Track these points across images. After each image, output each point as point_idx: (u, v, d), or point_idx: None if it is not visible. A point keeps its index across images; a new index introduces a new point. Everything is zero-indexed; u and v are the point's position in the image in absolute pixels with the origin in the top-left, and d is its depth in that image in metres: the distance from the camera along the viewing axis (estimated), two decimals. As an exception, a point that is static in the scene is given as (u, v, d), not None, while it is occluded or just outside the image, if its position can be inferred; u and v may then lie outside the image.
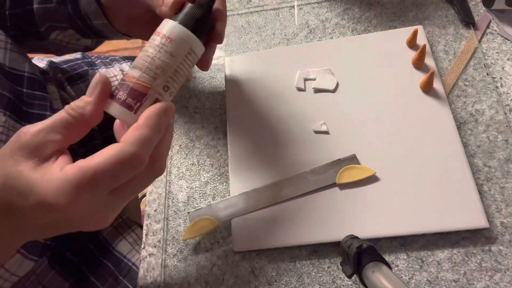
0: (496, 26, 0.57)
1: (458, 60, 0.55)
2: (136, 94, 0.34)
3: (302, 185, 0.49)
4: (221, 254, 0.48)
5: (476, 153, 0.49)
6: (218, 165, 0.54)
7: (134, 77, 0.35)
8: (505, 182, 0.47)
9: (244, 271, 0.47)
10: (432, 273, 0.44)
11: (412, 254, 0.45)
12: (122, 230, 0.64)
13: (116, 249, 0.62)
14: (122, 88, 0.35)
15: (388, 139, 0.50)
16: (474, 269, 0.44)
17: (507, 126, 0.50)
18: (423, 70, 0.54)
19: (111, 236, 0.62)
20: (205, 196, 0.52)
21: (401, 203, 0.47)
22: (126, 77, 0.35)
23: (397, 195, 0.47)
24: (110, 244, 0.62)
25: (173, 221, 0.51)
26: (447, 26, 0.58)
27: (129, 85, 0.35)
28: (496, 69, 0.54)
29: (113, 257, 0.61)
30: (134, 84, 0.35)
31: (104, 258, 0.60)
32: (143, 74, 0.35)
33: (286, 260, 0.47)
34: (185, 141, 0.56)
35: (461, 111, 0.52)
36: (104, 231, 0.62)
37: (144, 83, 0.35)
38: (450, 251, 0.45)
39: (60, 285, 0.56)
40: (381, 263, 0.39)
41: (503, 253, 0.44)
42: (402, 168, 0.48)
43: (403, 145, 0.50)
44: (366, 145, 0.50)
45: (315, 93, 0.55)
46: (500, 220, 0.45)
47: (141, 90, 0.35)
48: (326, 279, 0.45)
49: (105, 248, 0.61)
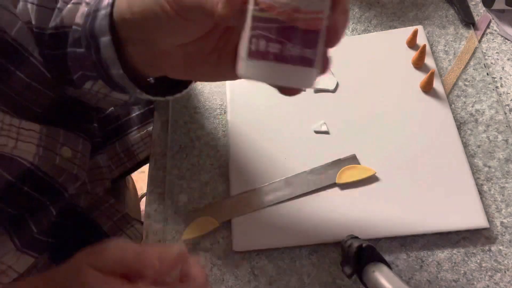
0: (496, 26, 0.57)
1: (458, 60, 0.55)
2: (307, 37, 0.23)
3: (302, 185, 0.49)
4: (221, 254, 0.48)
5: (476, 153, 0.49)
6: (218, 165, 0.54)
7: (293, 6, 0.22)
8: (505, 182, 0.47)
9: (244, 271, 0.47)
10: (432, 273, 0.44)
11: (412, 254, 0.45)
12: (122, 225, 0.64)
13: None
14: (269, 33, 0.23)
15: (388, 139, 0.50)
16: (474, 269, 0.44)
17: (507, 126, 0.50)
18: (423, 70, 0.54)
19: (112, 231, 0.63)
20: (205, 196, 0.52)
21: (401, 203, 0.47)
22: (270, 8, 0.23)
23: (397, 195, 0.47)
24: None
25: (173, 221, 0.51)
26: (447, 26, 0.58)
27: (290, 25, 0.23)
28: (496, 69, 0.54)
29: None
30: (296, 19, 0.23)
31: None
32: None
33: (286, 260, 0.47)
34: (185, 141, 0.56)
35: (461, 111, 0.52)
36: (105, 225, 0.62)
37: (313, 13, 0.23)
38: (450, 251, 0.45)
39: None
40: (381, 263, 0.39)
41: (503, 253, 0.44)
42: (402, 168, 0.48)
43: (403, 145, 0.50)
44: (366, 145, 0.50)
45: (315, 93, 0.55)
46: (500, 220, 0.45)
47: (313, 25, 0.23)
48: (326, 279, 0.45)
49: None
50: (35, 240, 0.50)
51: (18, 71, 0.42)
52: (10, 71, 0.42)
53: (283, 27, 0.23)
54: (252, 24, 0.24)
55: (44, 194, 0.47)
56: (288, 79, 0.24)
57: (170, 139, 0.56)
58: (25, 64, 0.43)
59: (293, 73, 0.23)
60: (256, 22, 0.23)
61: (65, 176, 0.49)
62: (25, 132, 0.44)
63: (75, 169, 0.50)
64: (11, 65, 0.42)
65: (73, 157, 0.50)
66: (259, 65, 0.24)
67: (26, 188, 0.45)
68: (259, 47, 0.23)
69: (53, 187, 0.48)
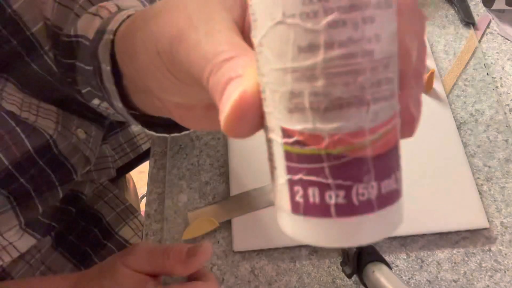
0: (496, 26, 0.57)
1: (458, 60, 0.55)
2: (383, 162, 0.15)
3: (302, 185, 0.49)
4: (221, 254, 0.48)
5: (476, 153, 0.49)
6: (218, 165, 0.54)
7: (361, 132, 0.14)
8: (505, 182, 0.47)
9: (244, 271, 0.47)
10: (432, 273, 0.44)
11: (412, 254, 0.45)
12: (124, 216, 0.65)
13: (119, 234, 0.64)
14: (320, 176, 0.14)
15: (388, 139, 0.50)
16: (474, 269, 0.44)
17: (507, 126, 0.50)
18: (423, 70, 0.54)
19: (114, 222, 0.64)
20: (205, 196, 0.52)
21: (401, 203, 0.46)
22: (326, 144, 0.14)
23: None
24: (113, 229, 0.63)
25: (173, 221, 0.51)
26: (447, 26, 0.58)
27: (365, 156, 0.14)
28: (496, 69, 0.54)
29: (116, 241, 0.63)
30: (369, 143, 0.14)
31: (108, 241, 0.62)
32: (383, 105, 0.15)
33: (286, 260, 0.47)
34: (185, 141, 0.56)
35: (461, 111, 0.52)
36: (107, 216, 0.64)
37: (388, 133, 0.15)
38: (450, 251, 0.45)
39: (63, 265, 0.58)
40: (381, 263, 0.39)
41: (503, 253, 0.44)
42: (402, 168, 0.48)
43: (403, 145, 0.50)
44: (366, 145, 0.50)
45: (315, 93, 0.55)
46: (500, 220, 0.45)
47: (389, 142, 0.15)
48: (326, 279, 0.45)
49: (109, 233, 0.63)
50: (38, 221, 0.51)
51: (33, 64, 0.44)
52: (27, 62, 0.44)
53: (343, 164, 0.14)
54: (287, 164, 0.16)
55: (56, 172, 0.49)
56: (366, 235, 0.15)
57: (170, 139, 0.56)
58: (39, 60, 0.44)
59: (371, 224, 0.15)
60: (293, 162, 0.15)
61: (77, 158, 0.50)
62: (44, 110, 0.47)
63: (88, 152, 0.52)
64: (27, 57, 0.44)
65: (87, 140, 0.53)
66: (314, 224, 0.15)
67: (41, 163, 0.46)
68: (308, 199, 0.15)
69: (65, 167, 0.49)
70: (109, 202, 0.65)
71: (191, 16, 0.21)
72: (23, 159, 0.44)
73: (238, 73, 0.17)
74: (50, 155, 0.47)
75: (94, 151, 0.54)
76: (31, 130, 0.44)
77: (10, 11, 0.41)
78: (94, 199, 0.64)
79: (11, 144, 0.42)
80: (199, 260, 0.40)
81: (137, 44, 0.26)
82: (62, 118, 0.49)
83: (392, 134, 0.16)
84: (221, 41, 0.19)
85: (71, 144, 0.49)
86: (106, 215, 0.63)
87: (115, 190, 0.66)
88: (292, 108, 0.15)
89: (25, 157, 0.44)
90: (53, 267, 0.56)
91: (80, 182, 0.59)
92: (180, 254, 0.40)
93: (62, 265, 0.57)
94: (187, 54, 0.20)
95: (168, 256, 0.39)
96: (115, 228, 0.63)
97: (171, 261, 0.39)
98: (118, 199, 0.66)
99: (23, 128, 0.43)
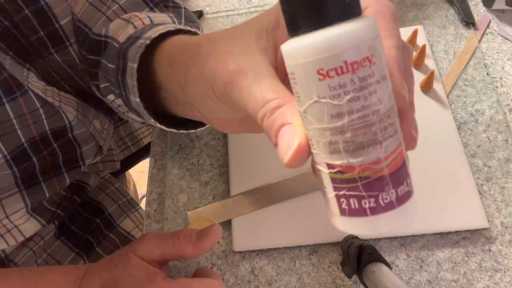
0: (496, 26, 0.57)
1: (458, 60, 0.55)
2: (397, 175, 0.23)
3: (302, 185, 0.49)
4: (221, 254, 0.48)
5: (476, 153, 0.49)
6: (218, 165, 0.54)
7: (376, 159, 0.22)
8: (505, 182, 0.47)
9: (244, 271, 0.47)
10: (432, 273, 0.44)
11: (412, 254, 0.45)
12: (126, 209, 0.67)
13: (121, 226, 0.65)
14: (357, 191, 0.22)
15: (388, 139, 0.50)
16: (474, 269, 0.44)
17: (507, 126, 0.50)
18: (423, 70, 0.54)
19: (116, 214, 0.65)
20: (205, 196, 0.52)
21: (401, 203, 0.46)
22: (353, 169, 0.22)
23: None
24: (115, 221, 0.65)
25: (173, 221, 0.51)
26: (447, 26, 0.58)
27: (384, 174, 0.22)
28: (496, 69, 0.54)
29: (118, 232, 0.64)
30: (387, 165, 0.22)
31: (110, 232, 0.64)
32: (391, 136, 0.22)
33: (286, 260, 0.47)
34: (185, 141, 0.56)
35: (461, 111, 0.52)
36: (109, 208, 0.65)
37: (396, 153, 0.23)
38: (450, 251, 0.45)
39: (66, 254, 0.59)
40: (381, 263, 0.39)
41: (503, 253, 0.44)
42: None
43: (403, 145, 0.50)
44: (366, 145, 0.50)
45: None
46: (500, 220, 0.45)
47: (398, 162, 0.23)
48: (326, 279, 0.45)
49: (110, 224, 0.64)
50: (44, 207, 0.53)
51: (56, 54, 0.47)
52: (50, 52, 0.47)
53: (370, 182, 0.22)
54: (334, 185, 0.23)
55: (66, 157, 0.50)
56: (392, 223, 0.22)
57: (170, 139, 0.56)
58: (63, 51, 0.47)
59: (395, 216, 0.22)
60: (337, 183, 0.22)
61: (90, 146, 0.53)
62: (64, 98, 0.50)
63: (102, 142, 0.55)
64: (52, 48, 0.47)
65: (102, 131, 0.55)
66: (357, 221, 0.23)
67: (55, 145, 0.48)
68: (350, 206, 0.22)
69: (75, 154, 0.51)
70: (111, 195, 0.66)
71: (238, 62, 0.27)
72: (39, 138, 0.46)
73: (288, 120, 0.24)
74: (65, 139, 0.49)
75: (106, 142, 0.56)
76: (55, 112, 0.46)
77: (43, 3, 0.44)
78: (97, 191, 0.65)
79: (31, 123, 0.44)
80: (210, 241, 0.40)
81: (190, 77, 0.31)
82: (81, 107, 0.52)
83: (400, 156, 0.23)
84: (268, 88, 0.26)
85: (87, 132, 0.51)
86: (108, 207, 0.65)
87: (117, 184, 0.67)
88: (332, 151, 0.22)
89: (41, 137, 0.46)
90: (55, 255, 0.58)
91: (86, 173, 0.61)
92: (191, 236, 0.40)
93: (64, 254, 0.59)
94: (241, 96, 0.27)
95: (178, 238, 0.40)
96: (116, 219, 0.65)
97: (181, 243, 0.40)
98: (119, 192, 0.67)
99: (46, 110, 0.45)
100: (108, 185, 0.67)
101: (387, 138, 0.22)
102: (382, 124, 0.21)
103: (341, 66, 0.20)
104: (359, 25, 0.20)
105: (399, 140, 0.23)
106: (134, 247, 0.41)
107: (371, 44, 0.20)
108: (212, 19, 0.68)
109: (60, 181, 0.51)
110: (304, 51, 0.20)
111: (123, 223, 0.65)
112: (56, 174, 0.50)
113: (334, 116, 0.21)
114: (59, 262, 0.58)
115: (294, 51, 0.21)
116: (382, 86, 0.21)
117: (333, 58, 0.20)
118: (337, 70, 0.20)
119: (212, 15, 0.68)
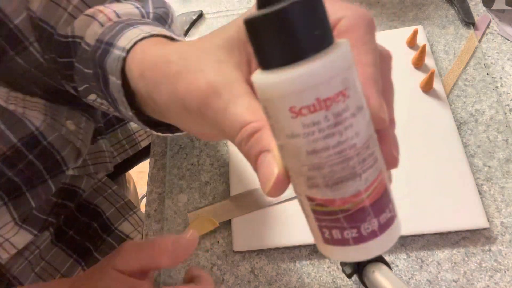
0: (496, 26, 0.57)
1: (458, 60, 0.55)
2: (379, 204, 0.22)
3: (302, 185, 0.49)
4: (221, 254, 0.48)
5: (476, 153, 0.49)
6: (218, 165, 0.54)
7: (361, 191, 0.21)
8: (505, 182, 0.47)
9: (244, 271, 0.47)
10: (432, 273, 0.44)
11: (412, 254, 0.45)
12: (124, 212, 0.66)
13: (119, 229, 0.64)
14: (339, 223, 0.22)
15: (388, 139, 0.50)
16: (474, 269, 0.44)
17: (507, 126, 0.50)
18: (423, 70, 0.54)
19: (114, 217, 0.64)
20: (205, 196, 0.52)
21: (401, 203, 0.46)
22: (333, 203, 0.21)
23: (397, 195, 0.47)
24: (113, 224, 0.64)
25: (173, 221, 0.51)
26: (447, 26, 0.58)
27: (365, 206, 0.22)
28: (496, 69, 0.54)
29: (116, 236, 0.63)
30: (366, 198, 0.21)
31: (108, 236, 0.63)
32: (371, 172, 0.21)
33: (286, 260, 0.47)
34: (185, 141, 0.56)
35: (461, 111, 0.52)
36: (107, 211, 0.64)
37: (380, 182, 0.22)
38: (450, 251, 0.45)
39: (64, 260, 0.59)
40: (381, 263, 0.39)
41: (503, 253, 0.44)
42: (402, 168, 0.48)
43: (403, 145, 0.49)
44: (366, 145, 0.50)
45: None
46: (500, 220, 0.45)
47: (379, 191, 0.22)
48: (326, 279, 0.45)
49: (108, 228, 0.63)
50: (34, 216, 0.51)
51: (17, 57, 0.44)
52: (10, 55, 0.43)
53: (351, 214, 0.21)
54: (315, 216, 0.22)
55: (47, 165, 0.48)
56: (376, 250, 0.22)
57: (170, 139, 0.56)
58: (24, 52, 0.44)
59: (379, 243, 0.22)
60: (319, 215, 0.22)
61: (68, 150, 0.50)
62: (30, 103, 0.47)
63: (79, 143, 0.52)
64: (11, 51, 0.43)
65: (77, 132, 0.52)
66: (341, 249, 0.23)
67: (31, 157, 0.46)
68: (333, 236, 0.22)
69: (55, 160, 0.49)
70: (108, 198, 0.65)
71: (211, 81, 0.26)
72: (11, 153, 0.44)
73: (265, 147, 0.23)
74: (40, 147, 0.47)
75: (85, 142, 0.53)
76: (16, 121, 0.44)
77: None
78: (93, 195, 0.64)
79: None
80: (185, 250, 0.39)
81: (163, 95, 0.29)
82: (50, 110, 0.49)
83: (381, 185, 0.22)
84: (243, 109, 0.24)
85: (61, 136, 0.49)
86: (106, 210, 0.64)
87: (114, 186, 0.66)
88: (311, 185, 0.21)
89: (13, 151, 0.44)
90: (53, 263, 0.57)
91: (76, 177, 0.59)
92: (166, 245, 0.38)
93: (62, 260, 0.58)
94: (215, 119, 0.26)
95: (153, 249, 0.38)
96: (114, 223, 0.64)
97: (156, 255, 0.38)
98: (117, 195, 0.66)
99: (5, 119, 0.43)
100: (105, 188, 0.66)
101: (366, 170, 0.21)
102: (360, 156, 0.21)
103: (313, 104, 0.19)
104: (331, 58, 0.19)
105: (379, 169, 0.22)
106: (113, 261, 0.39)
107: (345, 76, 0.19)
108: (212, 19, 0.68)
109: (46, 189, 0.49)
110: (275, 87, 0.19)
111: (121, 226, 0.64)
112: (39, 182, 0.49)
113: (310, 152, 0.20)
114: (57, 269, 0.57)
115: (265, 86, 0.20)
116: (358, 118, 0.20)
117: (305, 95, 0.19)
118: (309, 108, 0.19)
119: (212, 15, 0.68)
